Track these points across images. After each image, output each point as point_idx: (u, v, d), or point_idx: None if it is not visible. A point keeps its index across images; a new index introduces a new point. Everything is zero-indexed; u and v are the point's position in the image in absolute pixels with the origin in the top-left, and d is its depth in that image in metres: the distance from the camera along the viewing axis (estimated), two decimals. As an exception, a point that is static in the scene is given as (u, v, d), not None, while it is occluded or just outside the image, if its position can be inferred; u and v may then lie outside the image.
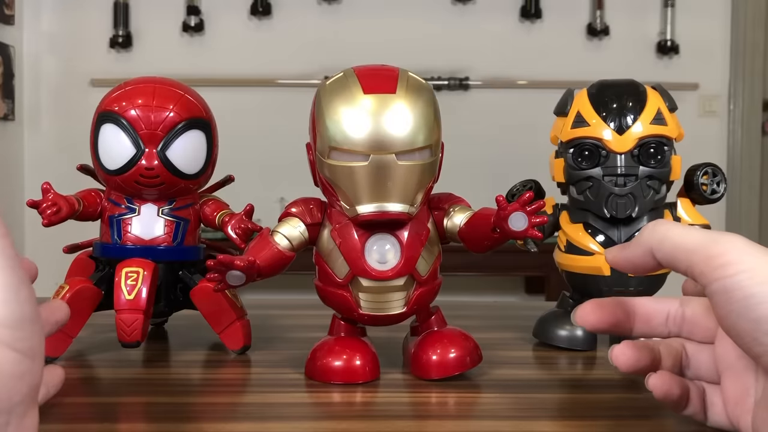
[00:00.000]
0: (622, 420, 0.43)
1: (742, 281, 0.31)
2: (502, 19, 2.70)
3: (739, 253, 0.31)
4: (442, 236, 0.51)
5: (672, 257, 0.34)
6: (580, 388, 0.50)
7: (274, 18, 2.69)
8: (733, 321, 0.31)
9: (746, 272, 0.31)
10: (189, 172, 0.57)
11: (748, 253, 0.31)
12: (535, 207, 0.46)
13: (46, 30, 2.70)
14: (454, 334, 0.51)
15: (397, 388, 0.48)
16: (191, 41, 2.69)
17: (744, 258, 0.31)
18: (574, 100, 0.60)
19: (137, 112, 0.55)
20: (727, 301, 0.31)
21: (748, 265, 0.31)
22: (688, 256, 0.33)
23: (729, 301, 0.31)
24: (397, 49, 2.44)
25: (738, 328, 0.31)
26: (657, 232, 0.35)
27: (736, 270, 0.31)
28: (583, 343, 0.58)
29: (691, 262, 0.33)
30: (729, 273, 0.31)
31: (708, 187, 0.59)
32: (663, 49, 2.71)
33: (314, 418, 0.44)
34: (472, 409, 0.45)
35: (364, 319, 0.51)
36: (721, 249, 0.32)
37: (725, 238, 0.32)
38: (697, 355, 0.39)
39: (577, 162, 0.58)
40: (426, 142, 0.47)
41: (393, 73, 0.48)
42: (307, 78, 2.61)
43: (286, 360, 0.54)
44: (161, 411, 0.44)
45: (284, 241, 0.50)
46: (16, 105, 2.61)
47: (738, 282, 0.31)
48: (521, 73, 2.70)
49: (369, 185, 0.47)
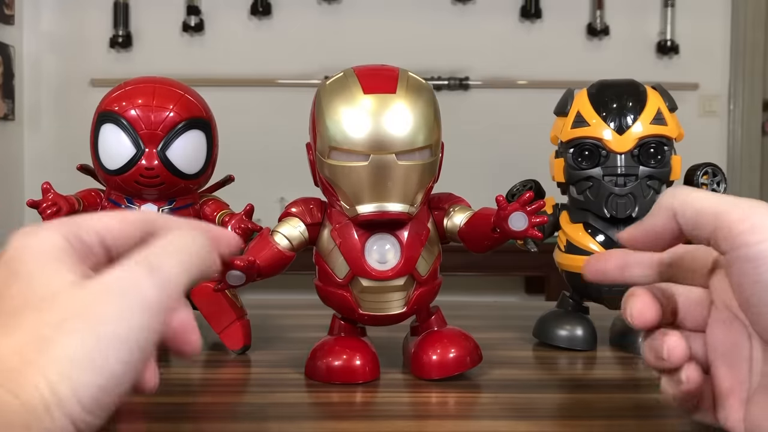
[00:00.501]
0: (622, 420, 0.43)
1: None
2: (502, 19, 2.70)
3: (763, 218, 0.30)
4: (442, 236, 0.51)
5: (695, 221, 0.32)
6: (580, 388, 0.50)
7: (274, 18, 2.69)
8: (758, 291, 0.30)
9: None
10: (189, 172, 0.57)
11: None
12: (535, 207, 0.46)
13: (46, 30, 2.70)
14: (454, 334, 0.51)
15: (397, 388, 0.48)
16: (191, 41, 2.69)
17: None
18: (574, 100, 0.60)
19: (137, 112, 0.55)
20: (753, 271, 0.29)
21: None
22: (715, 218, 0.31)
23: (757, 270, 0.29)
24: (397, 49, 2.44)
25: (763, 299, 0.29)
26: (678, 195, 0.33)
27: (763, 237, 0.29)
28: (583, 343, 0.58)
29: (716, 225, 0.31)
30: (756, 239, 0.29)
31: (708, 187, 0.59)
32: (663, 49, 2.71)
33: (314, 418, 0.44)
34: (472, 409, 0.45)
35: (364, 319, 0.51)
36: (745, 213, 0.30)
37: (748, 202, 0.31)
38: (689, 343, 0.37)
39: (577, 162, 0.58)
40: (426, 142, 0.47)
41: (393, 73, 0.48)
42: (307, 78, 2.61)
43: (286, 360, 0.54)
44: (161, 411, 0.44)
45: (284, 241, 0.50)
46: (16, 105, 2.61)
47: (766, 250, 0.29)
48: (521, 73, 2.70)
49: (369, 185, 0.47)
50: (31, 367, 0.25)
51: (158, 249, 0.29)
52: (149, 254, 0.29)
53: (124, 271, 0.28)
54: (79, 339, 0.26)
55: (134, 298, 0.27)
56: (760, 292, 0.30)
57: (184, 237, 0.31)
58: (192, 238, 0.31)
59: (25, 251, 0.29)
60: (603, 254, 0.38)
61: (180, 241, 0.30)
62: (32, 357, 0.25)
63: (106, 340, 0.26)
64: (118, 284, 0.27)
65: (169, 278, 0.28)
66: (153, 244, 0.30)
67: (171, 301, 0.28)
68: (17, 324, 0.26)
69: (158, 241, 0.30)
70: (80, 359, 0.25)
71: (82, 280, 0.28)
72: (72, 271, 0.28)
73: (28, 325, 0.26)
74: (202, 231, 0.33)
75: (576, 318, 0.60)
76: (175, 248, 0.30)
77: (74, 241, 0.30)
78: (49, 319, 0.26)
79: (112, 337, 0.26)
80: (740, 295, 0.31)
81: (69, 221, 0.31)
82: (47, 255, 0.29)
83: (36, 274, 0.28)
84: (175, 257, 0.29)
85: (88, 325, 0.26)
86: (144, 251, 0.29)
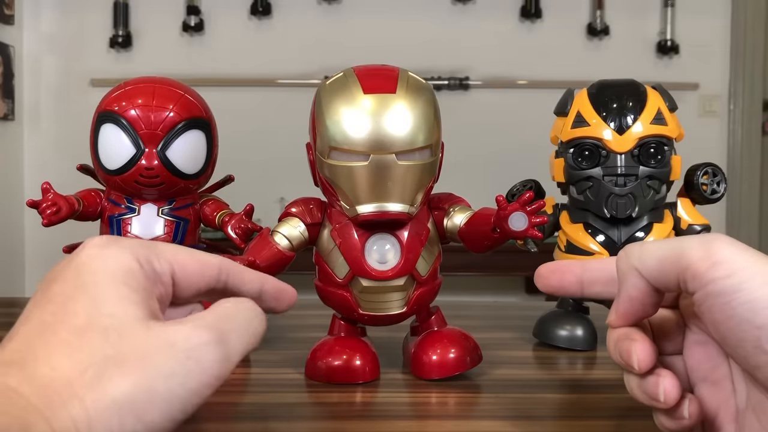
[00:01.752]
0: (622, 420, 0.43)
1: (742, 283, 0.28)
2: (502, 19, 2.70)
3: (725, 251, 0.29)
4: (442, 236, 0.51)
5: (659, 271, 0.31)
6: (580, 388, 0.50)
7: (274, 18, 2.69)
8: (733, 327, 0.29)
9: (743, 271, 0.29)
10: (189, 172, 0.57)
11: (736, 252, 0.29)
12: (535, 207, 0.46)
13: (46, 30, 2.69)
14: (454, 334, 0.51)
15: (397, 388, 0.48)
16: (191, 41, 2.69)
17: (735, 257, 0.29)
18: (574, 100, 0.60)
19: (137, 112, 0.55)
20: (727, 305, 0.29)
21: (741, 264, 0.29)
22: (677, 262, 0.30)
23: (730, 305, 0.28)
24: (397, 49, 2.44)
25: (739, 334, 0.29)
26: (632, 253, 0.32)
27: (731, 269, 0.29)
28: (583, 343, 0.58)
29: (680, 268, 0.30)
30: (722, 274, 0.29)
31: (708, 187, 0.59)
32: (663, 49, 2.71)
33: (314, 418, 0.44)
34: (472, 409, 0.45)
35: (364, 319, 0.51)
36: (706, 250, 0.29)
37: (704, 238, 0.30)
38: (671, 368, 0.35)
39: (577, 162, 0.58)
40: (426, 142, 0.47)
41: (393, 73, 0.48)
42: (307, 78, 2.61)
43: (286, 360, 0.54)
44: (161, 411, 0.44)
45: (284, 241, 0.50)
46: (16, 105, 2.61)
47: (738, 284, 0.28)
48: (521, 73, 2.70)
49: (369, 185, 0.47)
50: (76, 401, 0.25)
51: (228, 320, 0.29)
52: (219, 322, 0.29)
53: (194, 332, 0.28)
54: (132, 384, 0.26)
55: (196, 365, 0.27)
56: (735, 328, 0.29)
57: (250, 310, 0.31)
58: (255, 313, 0.31)
59: (95, 264, 0.29)
60: (557, 268, 0.37)
61: (247, 314, 0.31)
62: (81, 391, 0.25)
63: (158, 394, 0.26)
64: (186, 344, 0.27)
65: (233, 354, 0.29)
66: (224, 311, 0.30)
67: (228, 374, 0.28)
68: (79, 346, 0.26)
69: (229, 310, 0.30)
70: (126, 404, 0.25)
71: (150, 321, 0.28)
72: (139, 304, 0.28)
73: (88, 352, 0.26)
74: (267, 296, 0.34)
75: (576, 318, 0.60)
76: (241, 322, 0.30)
77: (146, 266, 0.30)
78: (110, 352, 0.26)
79: (164, 392, 0.26)
80: (717, 334, 0.30)
81: (146, 244, 0.31)
82: (116, 276, 0.28)
83: (102, 297, 0.28)
84: (241, 332, 0.30)
85: (145, 374, 0.26)
86: (215, 317, 0.29)
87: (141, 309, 0.28)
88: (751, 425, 0.32)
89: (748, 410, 0.32)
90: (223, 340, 0.28)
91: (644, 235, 0.57)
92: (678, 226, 0.59)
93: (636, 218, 0.57)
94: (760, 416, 0.31)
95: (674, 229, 0.59)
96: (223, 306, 0.30)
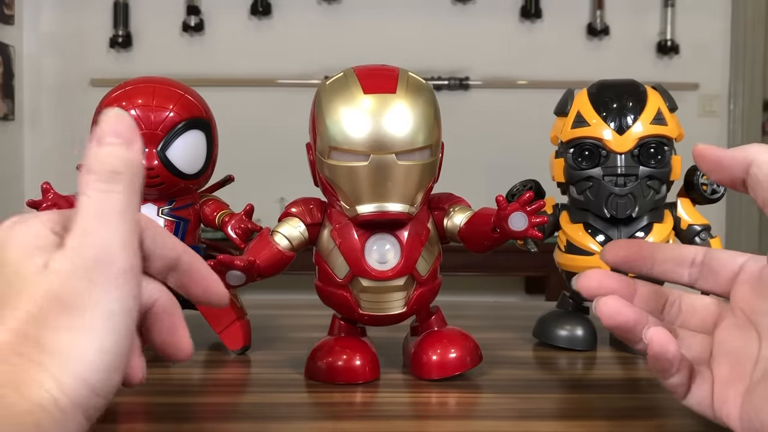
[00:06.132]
0: (622, 420, 0.43)
1: None
2: (502, 19, 2.70)
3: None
4: (442, 236, 0.51)
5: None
6: (580, 388, 0.50)
7: (274, 18, 2.69)
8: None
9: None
10: (189, 172, 0.57)
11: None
12: (535, 207, 0.46)
13: (46, 30, 2.70)
14: (454, 334, 0.51)
15: (397, 388, 0.48)
16: (191, 41, 2.69)
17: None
18: (574, 100, 0.59)
19: (137, 112, 0.55)
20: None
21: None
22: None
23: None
24: (397, 49, 2.44)
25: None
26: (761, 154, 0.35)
27: None
28: (583, 343, 0.58)
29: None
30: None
31: (708, 187, 0.59)
32: (663, 49, 2.71)
33: (314, 418, 0.44)
34: (472, 409, 0.45)
35: (364, 319, 0.51)
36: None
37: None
38: (688, 339, 0.39)
39: (577, 162, 0.58)
40: (426, 142, 0.47)
41: (393, 73, 0.48)
42: (307, 78, 2.61)
43: (286, 360, 0.54)
44: (161, 411, 0.44)
45: (284, 241, 0.50)
46: (16, 105, 2.61)
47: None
48: (521, 73, 2.70)
49: (369, 185, 0.47)
50: (33, 366, 0.26)
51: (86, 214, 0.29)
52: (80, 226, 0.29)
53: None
54: (65, 334, 0.27)
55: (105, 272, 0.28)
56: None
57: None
58: None
59: (9, 239, 0.29)
60: (628, 242, 0.41)
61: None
62: (33, 356, 0.26)
63: (91, 330, 0.27)
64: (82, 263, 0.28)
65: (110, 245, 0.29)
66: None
67: (137, 258, 0.29)
68: (2, 317, 0.27)
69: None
70: (74, 352, 0.26)
71: (48, 260, 0.28)
72: (43, 251, 0.28)
73: (12, 319, 0.27)
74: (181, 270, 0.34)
75: (576, 318, 0.60)
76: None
77: (61, 232, 0.30)
78: (29, 311, 0.27)
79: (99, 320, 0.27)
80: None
81: (59, 212, 0.31)
82: (29, 243, 0.29)
83: (11, 262, 0.28)
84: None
85: (69, 320, 0.27)
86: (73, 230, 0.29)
87: (44, 255, 0.28)
88: (763, 396, 0.33)
89: (763, 382, 0.34)
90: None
91: (644, 235, 0.57)
92: (678, 226, 0.59)
93: (636, 218, 0.57)
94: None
95: (674, 229, 0.59)
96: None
